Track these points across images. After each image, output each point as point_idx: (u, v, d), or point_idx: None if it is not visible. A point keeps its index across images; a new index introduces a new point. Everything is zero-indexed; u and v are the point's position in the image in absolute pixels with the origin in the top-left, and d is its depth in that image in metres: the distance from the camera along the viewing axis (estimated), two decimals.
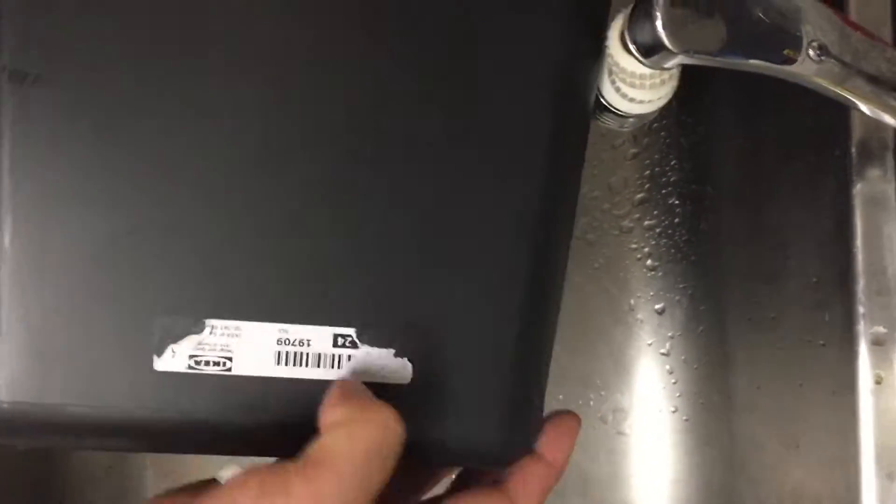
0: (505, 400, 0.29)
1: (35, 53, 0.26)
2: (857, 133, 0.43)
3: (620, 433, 0.54)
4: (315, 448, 0.24)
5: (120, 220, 0.27)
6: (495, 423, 0.28)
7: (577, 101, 0.30)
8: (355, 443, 0.24)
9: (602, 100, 0.32)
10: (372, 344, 0.28)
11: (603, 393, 0.54)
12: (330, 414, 0.25)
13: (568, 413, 0.31)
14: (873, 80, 0.31)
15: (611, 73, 0.30)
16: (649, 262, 0.54)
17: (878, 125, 0.42)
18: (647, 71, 0.29)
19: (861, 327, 0.42)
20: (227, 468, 0.25)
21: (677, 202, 0.54)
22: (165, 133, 0.27)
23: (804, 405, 0.47)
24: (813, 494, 0.46)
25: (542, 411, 0.30)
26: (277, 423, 0.27)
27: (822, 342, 0.45)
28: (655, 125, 0.54)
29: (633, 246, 0.54)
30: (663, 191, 0.54)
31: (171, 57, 0.27)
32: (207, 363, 0.27)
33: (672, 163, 0.54)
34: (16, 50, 0.26)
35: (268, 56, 0.27)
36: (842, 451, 0.44)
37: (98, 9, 0.26)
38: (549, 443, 0.30)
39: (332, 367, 0.27)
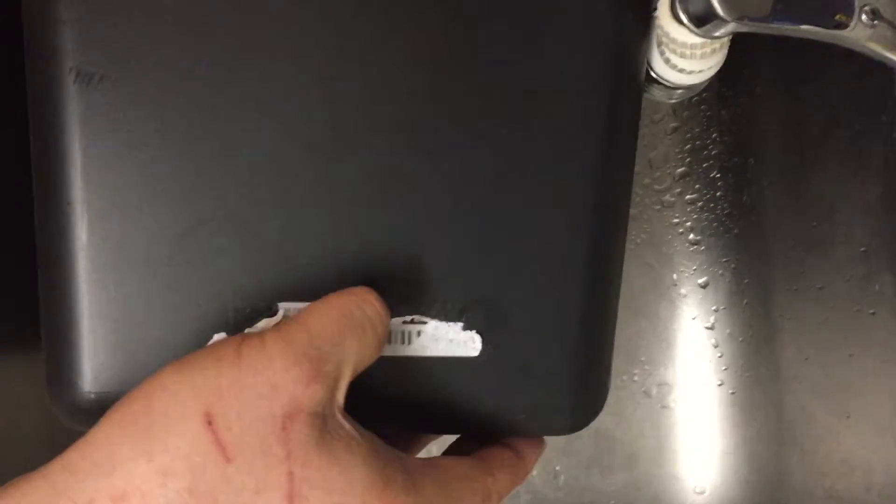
0: (573, 368, 0.29)
1: (100, 54, 0.27)
2: None
3: (665, 407, 0.54)
4: (300, 310, 0.26)
5: (191, 212, 0.27)
6: (564, 391, 0.29)
7: (630, 75, 0.30)
8: (329, 305, 0.26)
9: (651, 72, 0.31)
10: (440, 318, 0.28)
11: (647, 367, 0.54)
12: None
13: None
14: None
15: (660, 43, 0.30)
16: (691, 236, 0.54)
17: None
18: (697, 40, 0.29)
19: None
20: (215, 336, 0.27)
21: (719, 175, 0.54)
22: (229, 125, 0.27)
23: (854, 375, 0.46)
24: (864, 464, 0.46)
25: (609, 377, 0.31)
26: None
27: (872, 311, 0.45)
28: (695, 98, 0.54)
29: (675, 220, 0.54)
30: (704, 164, 0.54)
31: (232, 51, 0.27)
32: None
33: (713, 136, 0.54)
34: (82, 51, 0.27)
35: (328, 48, 0.27)
36: (893, 420, 0.44)
37: (160, 6, 0.27)
38: (521, 440, 0.30)
39: (403, 342, 0.28)
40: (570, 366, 0.29)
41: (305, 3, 0.27)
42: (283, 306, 0.28)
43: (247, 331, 0.27)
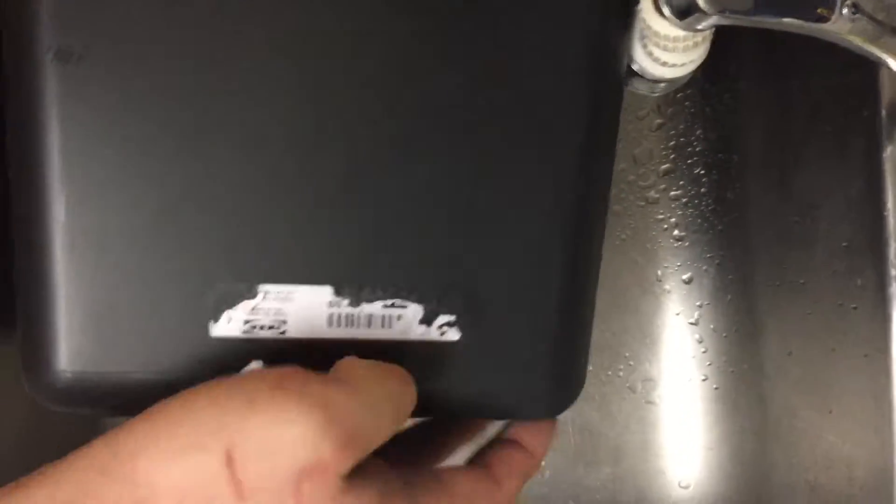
0: (550, 353, 0.29)
1: (79, 32, 0.26)
2: (886, 94, 0.42)
3: (650, 402, 0.54)
4: (339, 366, 0.25)
5: (170, 191, 0.27)
6: (541, 375, 0.29)
7: (611, 68, 0.30)
8: (375, 376, 0.25)
9: (633, 65, 0.32)
10: (420, 303, 0.28)
11: (632, 363, 0.54)
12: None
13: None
14: None
15: (643, 37, 0.30)
16: (676, 232, 0.54)
17: None
18: (680, 33, 0.29)
19: (893, 290, 0.42)
20: (252, 364, 0.26)
21: (703, 172, 0.54)
22: (211, 103, 0.27)
23: (837, 370, 0.47)
24: (846, 459, 0.47)
25: (586, 362, 0.31)
26: None
27: (854, 306, 0.45)
28: (679, 94, 0.54)
29: (660, 216, 0.54)
30: (689, 161, 0.54)
31: (212, 30, 0.27)
32: (262, 327, 0.27)
33: (697, 132, 0.54)
34: (60, 29, 0.26)
35: (309, 33, 0.27)
36: (875, 415, 0.44)
37: None
38: (529, 433, 0.31)
39: (383, 326, 0.28)
40: (547, 350, 0.29)
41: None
42: (264, 288, 0.27)
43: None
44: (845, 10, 0.29)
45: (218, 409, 0.24)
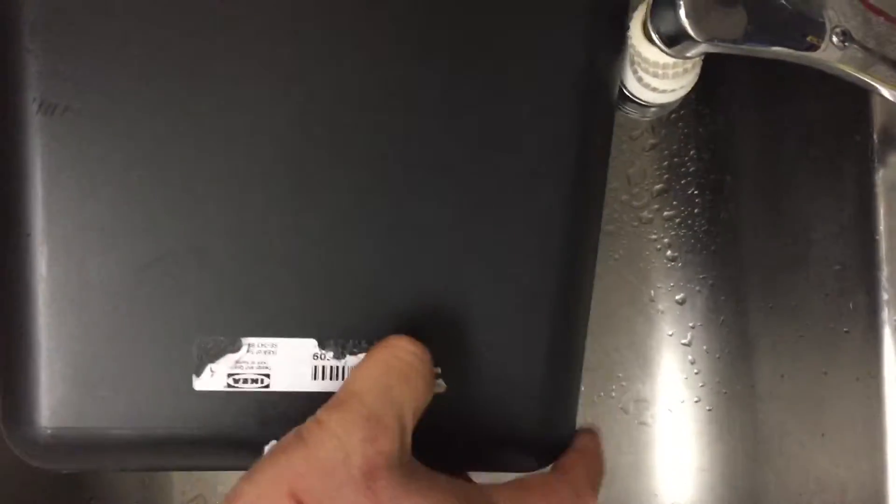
0: (539, 406, 0.29)
1: (65, 85, 0.26)
2: (878, 119, 0.43)
3: (643, 423, 0.54)
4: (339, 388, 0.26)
5: (152, 246, 0.27)
6: (530, 428, 0.29)
7: (602, 93, 0.30)
8: (367, 364, 0.26)
9: (625, 90, 0.32)
10: None
11: (624, 384, 0.54)
12: None
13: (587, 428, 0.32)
14: None
15: (633, 62, 0.30)
16: (669, 252, 0.54)
17: None
18: (669, 60, 0.29)
19: (885, 314, 0.42)
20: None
21: (696, 192, 0.54)
22: (193, 159, 0.27)
23: (828, 393, 0.46)
24: (838, 483, 0.46)
25: (575, 414, 0.30)
26: None
27: (846, 329, 0.45)
28: (673, 116, 0.54)
29: (653, 237, 0.54)
30: (682, 181, 0.54)
31: (197, 85, 0.27)
32: (246, 381, 0.27)
33: (691, 153, 0.54)
34: (46, 82, 0.26)
35: (294, 84, 0.27)
36: (867, 438, 0.44)
37: (126, 39, 0.27)
38: (580, 437, 0.30)
39: None
40: (537, 404, 0.29)
41: (270, 38, 0.27)
42: (247, 341, 0.27)
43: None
44: (835, 39, 0.29)
45: (260, 474, 0.24)
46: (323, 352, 0.28)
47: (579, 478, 0.28)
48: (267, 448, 0.26)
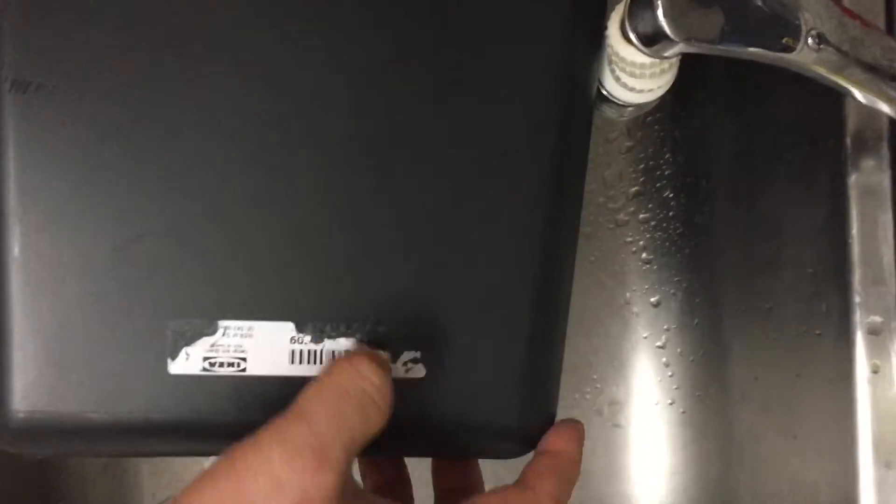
0: (520, 392, 0.28)
1: (37, 62, 0.26)
2: (851, 123, 0.43)
3: (616, 426, 0.54)
4: (289, 405, 0.24)
5: (128, 226, 0.26)
6: (511, 415, 0.28)
7: (580, 94, 0.30)
8: (322, 386, 0.24)
9: (602, 90, 0.32)
10: (384, 339, 0.27)
11: (599, 386, 0.54)
12: None
13: (569, 419, 0.30)
14: (870, 68, 0.31)
15: (611, 62, 0.30)
16: (644, 255, 0.54)
17: (872, 115, 0.43)
18: (647, 60, 0.29)
19: (857, 317, 0.43)
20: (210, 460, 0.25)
21: (671, 195, 0.54)
22: (169, 138, 0.27)
23: (801, 395, 0.47)
24: (810, 484, 0.47)
25: (556, 401, 0.30)
26: None
27: (818, 332, 0.45)
28: (649, 118, 0.54)
29: (629, 239, 0.54)
30: (658, 184, 0.54)
31: (173, 62, 0.27)
32: (222, 364, 0.27)
33: (666, 156, 0.54)
34: (18, 59, 0.26)
35: (271, 61, 0.27)
36: (839, 440, 0.44)
37: (99, 16, 0.26)
38: (551, 438, 0.29)
39: None
40: (517, 386, 0.29)
41: (248, 20, 0.27)
42: (224, 324, 0.27)
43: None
44: (810, 41, 0.29)
45: (190, 494, 0.23)
46: (301, 335, 0.27)
47: (543, 493, 0.27)
48: (206, 465, 0.25)
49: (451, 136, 0.28)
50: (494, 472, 0.34)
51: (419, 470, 0.35)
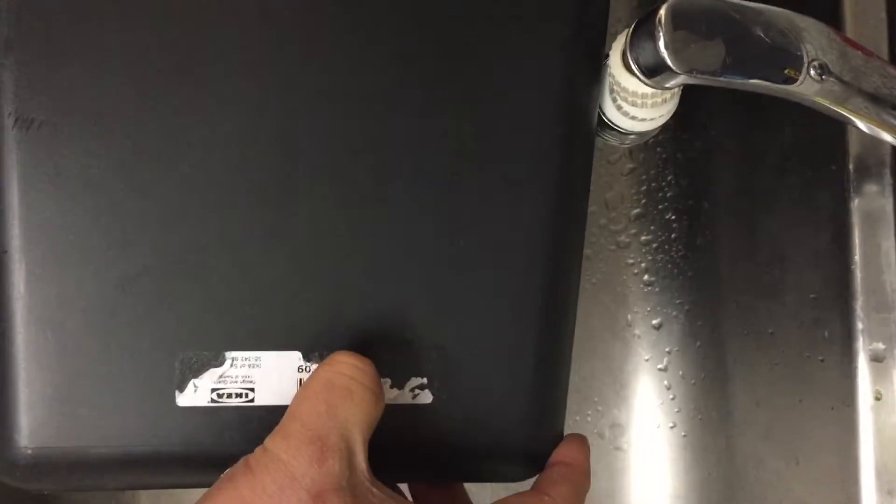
0: (526, 416, 0.29)
1: (41, 99, 0.26)
2: (853, 149, 0.43)
3: (618, 448, 0.54)
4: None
5: (132, 260, 0.26)
6: (518, 439, 0.28)
7: (582, 121, 0.30)
8: (307, 387, 0.25)
9: (604, 118, 0.32)
10: (391, 366, 0.27)
11: (600, 408, 0.54)
12: None
13: (576, 433, 0.31)
14: (872, 98, 0.31)
15: (612, 91, 0.30)
16: (646, 277, 0.54)
17: (875, 141, 0.43)
18: (648, 90, 0.29)
19: (860, 343, 0.42)
20: None
21: (673, 217, 0.54)
22: (173, 172, 0.27)
23: (803, 421, 0.47)
24: None
25: (563, 424, 0.30)
26: None
27: (821, 358, 0.45)
28: (651, 141, 0.54)
29: (630, 261, 0.54)
30: (659, 206, 0.54)
31: (176, 99, 0.27)
32: (230, 395, 0.27)
33: (668, 178, 0.54)
34: (22, 96, 0.26)
35: (275, 99, 0.27)
36: (841, 467, 0.44)
37: (102, 54, 0.26)
38: (561, 450, 0.30)
39: None
40: (524, 413, 0.29)
41: (249, 53, 0.27)
42: (231, 355, 0.27)
43: None
44: (812, 72, 0.29)
45: (212, 495, 0.24)
46: (308, 364, 0.27)
47: (560, 499, 0.28)
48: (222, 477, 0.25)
49: (455, 162, 0.28)
50: (496, 494, 0.34)
51: None
